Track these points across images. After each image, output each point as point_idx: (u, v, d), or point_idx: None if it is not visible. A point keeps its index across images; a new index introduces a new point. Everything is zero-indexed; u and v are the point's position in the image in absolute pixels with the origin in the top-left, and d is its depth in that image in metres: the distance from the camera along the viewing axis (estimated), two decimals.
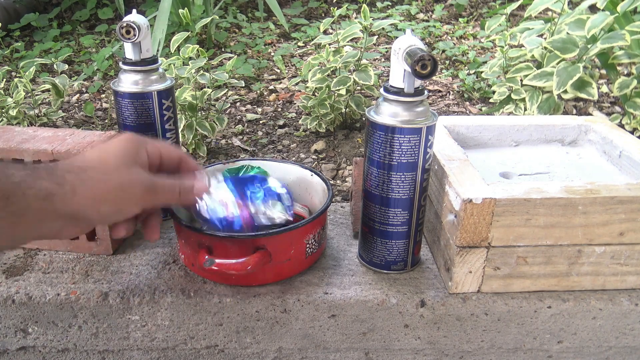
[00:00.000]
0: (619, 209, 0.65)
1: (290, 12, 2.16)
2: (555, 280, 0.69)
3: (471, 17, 2.08)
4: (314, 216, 0.70)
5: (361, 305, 0.69)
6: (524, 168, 0.82)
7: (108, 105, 1.45)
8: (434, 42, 1.83)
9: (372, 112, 0.66)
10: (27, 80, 1.19)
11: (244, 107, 1.44)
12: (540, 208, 0.64)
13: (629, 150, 0.79)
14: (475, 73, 1.53)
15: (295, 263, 0.71)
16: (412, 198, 0.68)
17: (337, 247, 0.79)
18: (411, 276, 0.73)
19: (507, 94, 1.22)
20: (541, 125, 0.89)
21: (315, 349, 0.73)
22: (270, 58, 1.75)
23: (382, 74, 1.59)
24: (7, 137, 0.74)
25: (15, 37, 1.99)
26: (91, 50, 1.84)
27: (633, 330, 0.71)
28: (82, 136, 0.76)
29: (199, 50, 1.13)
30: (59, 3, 2.20)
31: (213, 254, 0.66)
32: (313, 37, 1.85)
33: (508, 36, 1.27)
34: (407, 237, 0.70)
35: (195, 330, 0.71)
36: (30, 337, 0.71)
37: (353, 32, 1.16)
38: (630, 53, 1.15)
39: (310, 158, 1.15)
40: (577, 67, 1.08)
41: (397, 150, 0.65)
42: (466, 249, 0.66)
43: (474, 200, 0.63)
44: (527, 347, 0.72)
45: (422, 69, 0.57)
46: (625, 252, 0.68)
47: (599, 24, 1.05)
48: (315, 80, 1.17)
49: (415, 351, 0.73)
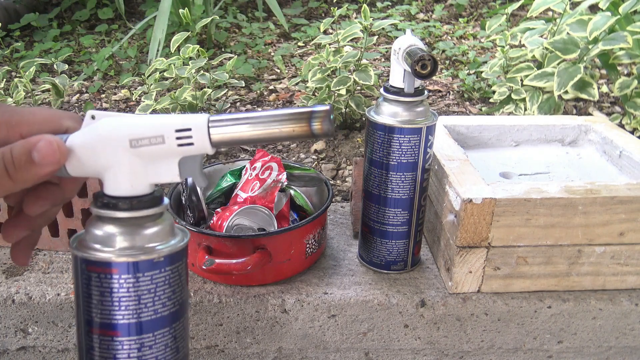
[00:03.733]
0: (619, 209, 0.65)
1: (290, 12, 2.16)
2: (555, 280, 0.69)
3: (471, 17, 2.08)
4: (314, 216, 0.70)
5: (361, 305, 0.69)
6: (524, 168, 0.82)
7: (108, 105, 1.45)
8: (434, 42, 1.83)
9: (372, 112, 0.66)
10: (27, 80, 1.19)
11: (244, 107, 1.44)
12: (540, 208, 0.64)
13: (629, 150, 0.79)
14: (475, 73, 1.53)
15: (295, 263, 0.71)
16: (412, 198, 0.68)
17: (337, 247, 0.79)
18: (411, 276, 0.73)
19: (507, 94, 1.22)
20: (541, 125, 0.89)
21: (315, 349, 0.72)
22: (270, 58, 1.75)
23: (382, 74, 1.59)
24: None
25: (15, 37, 1.99)
26: (91, 50, 1.84)
27: (633, 330, 0.71)
28: None
29: (199, 50, 1.13)
30: (59, 3, 2.20)
31: (213, 254, 0.66)
32: (313, 37, 1.85)
33: (508, 36, 1.27)
34: (407, 237, 0.70)
35: (195, 330, 0.71)
36: (30, 337, 0.71)
37: (353, 32, 1.16)
38: (631, 53, 1.15)
39: (310, 158, 1.15)
40: (578, 68, 1.08)
41: (397, 150, 0.64)
42: (466, 249, 0.66)
43: (474, 200, 0.63)
44: (527, 347, 0.72)
45: (422, 69, 0.57)
46: (625, 252, 0.68)
47: (602, 25, 1.05)
48: (315, 80, 1.17)
49: (415, 351, 0.73)
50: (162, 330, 0.35)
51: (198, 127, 0.33)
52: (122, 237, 0.34)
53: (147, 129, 0.33)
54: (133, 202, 0.34)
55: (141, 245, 0.34)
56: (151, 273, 0.34)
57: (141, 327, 0.34)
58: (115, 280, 0.34)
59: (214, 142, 0.33)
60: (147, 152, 0.33)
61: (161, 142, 0.33)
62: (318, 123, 0.33)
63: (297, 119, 0.33)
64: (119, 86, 1.59)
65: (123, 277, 0.34)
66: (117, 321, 0.34)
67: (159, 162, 0.34)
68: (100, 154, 0.34)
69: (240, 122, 0.33)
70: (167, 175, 0.34)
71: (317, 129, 0.33)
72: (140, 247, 0.34)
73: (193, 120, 0.33)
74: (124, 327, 0.34)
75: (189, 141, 0.33)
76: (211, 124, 0.33)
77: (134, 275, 0.34)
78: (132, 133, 0.33)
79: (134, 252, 0.34)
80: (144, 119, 0.34)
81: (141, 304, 0.34)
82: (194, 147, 0.33)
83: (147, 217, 0.35)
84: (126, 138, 0.33)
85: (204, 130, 0.33)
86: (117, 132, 0.33)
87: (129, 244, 0.34)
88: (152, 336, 0.35)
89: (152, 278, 0.34)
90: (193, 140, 0.33)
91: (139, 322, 0.34)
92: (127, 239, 0.34)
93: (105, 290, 0.34)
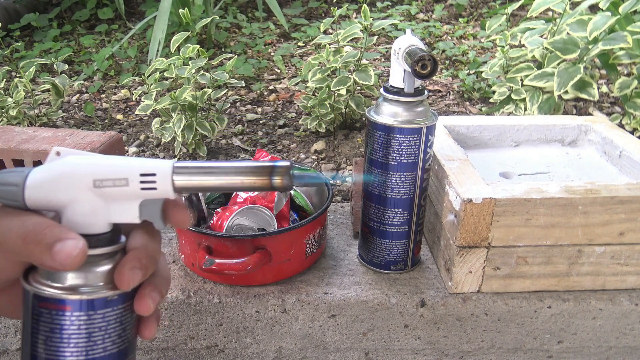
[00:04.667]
0: (619, 209, 0.65)
1: (290, 12, 2.16)
2: (555, 280, 0.69)
3: (471, 17, 2.08)
4: (314, 216, 0.70)
5: (361, 305, 0.69)
6: (524, 168, 0.82)
7: (108, 105, 1.45)
8: (434, 42, 1.83)
9: (372, 112, 0.66)
10: (27, 80, 1.19)
11: (244, 107, 1.44)
12: (540, 208, 0.64)
13: (629, 150, 0.79)
14: (475, 73, 1.53)
15: (295, 263, 0.71)
16: (412, 198, 0.68)
17: (337, 247, 0.79)
18: (411, 276, 0.73)
19: (507, 94, 1.22)
20: (541, 125, 0.89)
21: (315, 349, 0.72)
22: (270, 58, 1.75)
23: (382, 74, 1.59)
24: (7, 137, 0.74)
25: (15, 37, 1.99)
26: (91, 50, 1.84)
27: (633, 330, 0.71)
28: (82, 136, 0.76)
29: (199, 50, 1.13)
30: (59, 3, 2.20)
31: (213, 254, 0.66)
32: (313, 37, 1.85)
33: (509, 36, 1.27)
34: (407, 237, 0.70)
35: (195, 330, 0.71)
36: None
37: (353, 32, 1.16)
38: (631, 53, 1.15)
39: (310, 158, 1.15)
40: (578, 68, 1.08)
41: (397, 150, 0.64)
42: (466, 249, 0.66)
43: (474, 200, 0.63)
44: (527, 347, 0.72)
45: (422, 69, 0.57)
46: (625, 252, 0.68)
47: (602, 25, 1.05)
48: (315, 80, 1.17)
49: (415, 351, 0.73)
50: None
51: (162, 173, 0.34)
52: (76, 274, 0.34)
53: (112, 171, 0.34)
54: (91, 240, 0.34)
55: (95, 283, 0.34)
56: (104, 311, 0.34)
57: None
58: (67, 317, 0.34)
59: (176, 189, 0.34)
60: (109, 192, 0.34)
61: (125, 184, 0.34)
62: (278, 178, 0.34)
63: (259, 173, 0.34)
64: (119, 86, 1.59)
65: (75, 314, 0.34)
66: (65, 358, 0.34)
67: (120, 203, 0.34)
68: (62, 190, 0.34)
69: (204, 172, 0.34)
70: (126, 216, 0.35)
71: (277, 183, 0.34)
72: (95, 285, 0.34)
73: (158, 166, 0.34)
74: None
75: (152, 186, 0.34)
76: (175, 170, 0.34)
77: (86, 313, 0.34)
78: (97, 173, 0.34)
79: (89, 289, 0.34)
80: (110, 160, 0.35)
81: (91, 341, 0.34)
82: (156, 191, 0.34)
83: (103, 255, 0.35)
84: (90, 177, 0.34)
85: (168, 177, 0.34)
86: (82, 170, 0.34)
87: (82, 281, 0.34)
88: None
89: (104, 316, 0.34)
90: (157, 185, 0.34)
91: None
92: (81, 276, 0.34)
93: (55, 327, 0.34)
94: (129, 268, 0.34)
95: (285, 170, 0.34)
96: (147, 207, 0.35)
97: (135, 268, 0.34)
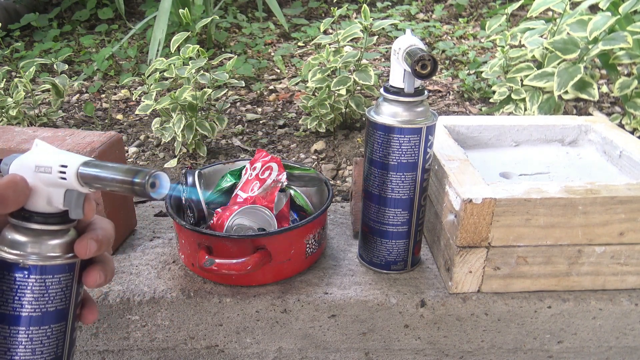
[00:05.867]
0: (619, 209, 0.65)
1: (290, 12, 2.16)
2: (555, 280, 0.69)
3: (471, 17, 2.08)
4: (314, 216, 0.70)
5: (361, 305, 0.69)
6: (524, 168, 0.82)
7: (108, 105, 1.45)
8: (434, 42, 1.83)
9: (372, 112, 0.66)
10: (27, 80, 1.19)
11: (244, 107, 1.44)
12: (540, 208, 0.64)
13: (629, 150, 0.79)
14: (475, 73, 1.53)
15: (295, 263, 0.71)
16: (412, 198, 0.68)
17: (337, 247, 0.79)
18: (411, 276, 0.73)
19: (507, 94, 1.22)
20: (541, 126, 0.89)
21: (315, 349, 0.72)
22: (270, 58, 1.75)
23: (382, 74, 1.59)
24: (7, 137, 0.74)
25: (15, 37, 1.99)
26: (91, 50, 1.84)
27: (633, 330, 0.71)
28: (82, 136, 0.76)
29: (199, 50, 1.13)
30: (59, 3, 2.20)
31: (213, 254, 0.66)
32: (313, 37, 1.85)
33: (508, 36, 1.27)
34: (407, 237, 0.70)
35: (195, 331, 0.71)
36: None
37: (353, 32, 1.16)
38: (631, 53, 1.15)
39: (310, 158, 1.15)
40: (578, 68, 1.08)
41: (397, 150, 0.64)
42: (466, 249, 0.66)
43: (474, 200, 0.63)
44: (527, 347, 0.72)
45: (422, 69, 0.57)
46: (625, 252, 0.68)
47: (602, 25, 1.05)
48: (315, 80, 1.17)
49: (416, 351, 0.73)
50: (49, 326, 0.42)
51: (72, 166, 0.39)
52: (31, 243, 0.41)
53: (44, 159, 0.40)
54: (39, 216, 0.41)
55: (47, 253, 0.41)
56: (54, 276, 0.42)
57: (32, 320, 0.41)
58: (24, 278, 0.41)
59: (81, 181, 0.39)
60: (42, 178, 0.40)
61: (49, 172, 0.40)
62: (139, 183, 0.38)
63: (127, 174, 0.38)
64: (119, 86, 1.59)
65: (31, 276, 0.41)
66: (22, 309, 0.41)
67: (52, 189, 0.40)
68: (23, 172, 0.41)
69: (101, 167, 0.39)
70: (56, 201, 0.41)
71: (137, 189, 0.38)
72: (47, 255, 0.41)
73: (70, 160, 0.39)
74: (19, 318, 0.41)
75: (64, 176, 0.39)
76: (82, 165, 0.39)
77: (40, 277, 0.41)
78: (37, 160, 0.40)
79: (39, 257, 0.41)
80: (54, 152, 0.41)
81: (42, 299, 0.42)
82: (67, 181, 0.39)
83: (52, 231, 0.42)
84: (33, 163, 0.40)
85: (74, 170, 0.39)
86: (31, 157, 0.41)
87: (37, 250, 0.41)
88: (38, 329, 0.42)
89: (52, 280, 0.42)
90: (66, 175, 0.39)
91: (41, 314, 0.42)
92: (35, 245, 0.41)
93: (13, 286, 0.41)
94: (88, 238, 0.41)
95: (146, 176, 0.37)
96: (70, 196, 0.40)
97: (92, 240, 0.41)
